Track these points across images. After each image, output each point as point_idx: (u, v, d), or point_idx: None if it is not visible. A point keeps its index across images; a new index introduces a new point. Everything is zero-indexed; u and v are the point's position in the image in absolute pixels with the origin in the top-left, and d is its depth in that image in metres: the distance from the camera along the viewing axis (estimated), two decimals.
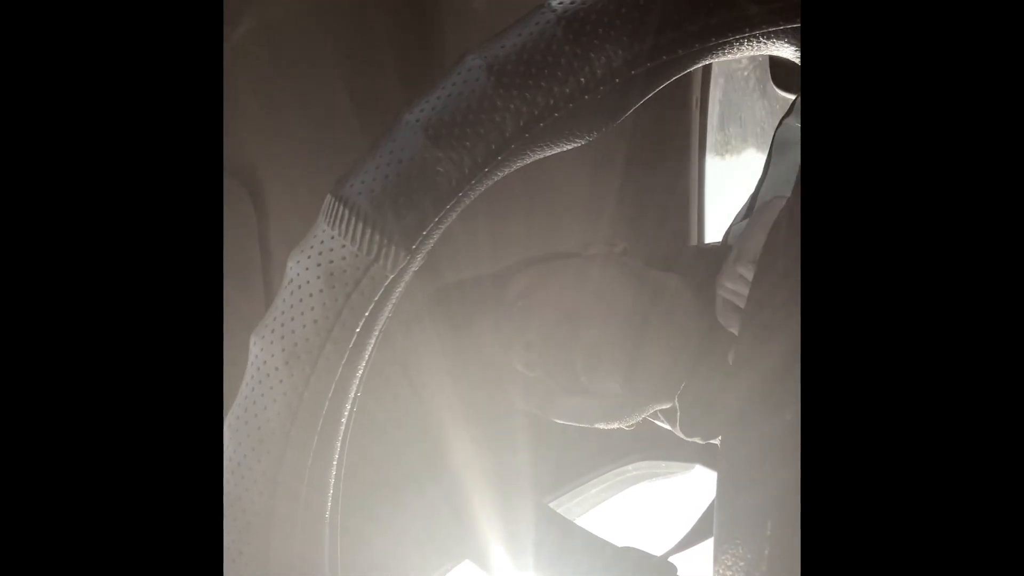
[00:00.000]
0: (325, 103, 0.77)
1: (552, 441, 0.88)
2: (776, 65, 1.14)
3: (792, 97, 1.06)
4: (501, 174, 0.35)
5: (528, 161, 0.35)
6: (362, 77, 0.81)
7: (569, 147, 0.36)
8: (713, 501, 0.36)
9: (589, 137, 0.35)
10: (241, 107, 0.70)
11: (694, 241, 1.06)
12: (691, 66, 0.33)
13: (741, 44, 0.34)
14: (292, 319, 0.33)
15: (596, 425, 0.60)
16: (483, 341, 0.60)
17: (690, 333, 0.56)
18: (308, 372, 0.33)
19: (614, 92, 0.33)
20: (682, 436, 0.59)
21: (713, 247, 0.68)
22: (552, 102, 0.33)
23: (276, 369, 0.33)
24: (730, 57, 0.35)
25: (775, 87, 1.13)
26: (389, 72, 0.83)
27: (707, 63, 0.35)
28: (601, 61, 0.32)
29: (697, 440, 0.59)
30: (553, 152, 0.36)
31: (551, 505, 0.89)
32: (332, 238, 0.33)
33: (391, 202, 0.32)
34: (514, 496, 0.65)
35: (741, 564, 0.32)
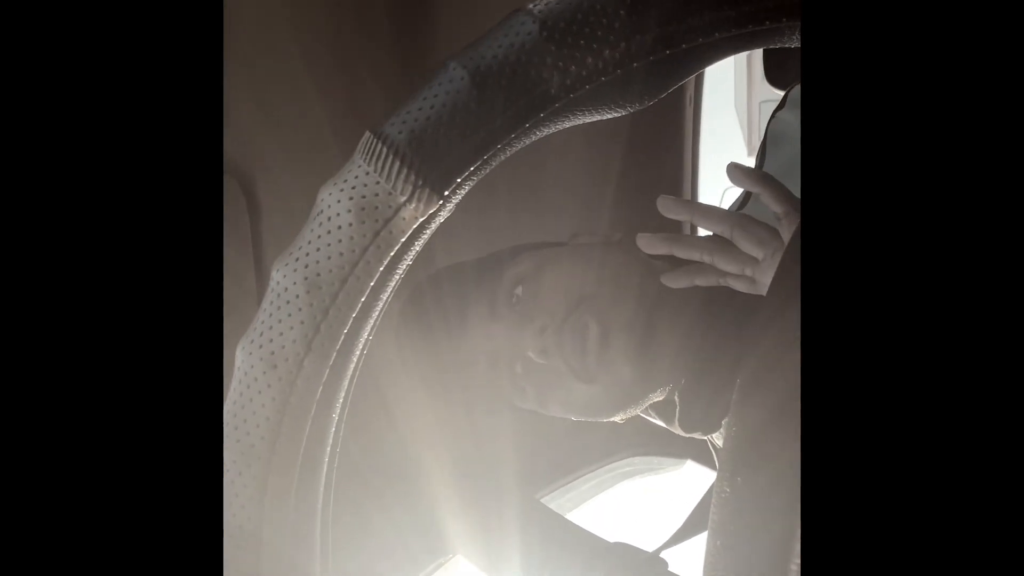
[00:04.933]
0: (320, 104, 0.77)
1: (543, 436, 0.88)
2: (769, 61, 1.14)
3: (782, 92, 1.06)
4: (540, 133, 0.35)
5: (568, 125, 0.35)
6: (358, 78, 0.81)
7: (610, 115, 0.36)
8: (705, 495, 0.36)
9: (631, 107, 0.35)
10: (237, 107, 0.70)
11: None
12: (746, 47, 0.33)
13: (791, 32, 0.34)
14: (318, 249, 0.33)
15: (596, 418, 0.59)
16: (474, 334, 0.59)
17: (693, 325, 0.56)
18: (327, 304, 0.33)
19: (664, 62, 0.33)
20: (680, 432, 0.59)
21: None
22: (601, 65, 0.33)
23: (296, 297, 0.33)
24: (778, 45, 0.35)
25: (767, 83, 1.14)
26: (384, 74, 0.83)
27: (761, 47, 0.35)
28: (653, 29, 0.32)
29: (696, 435, 0.59)
30: (593, 119, 0.36)
31: (542, 500, 0.89)
32: (367, 173, 0.33)
33: (430, 144, 0.32)
34: (505, 492, 0.65)
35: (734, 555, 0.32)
